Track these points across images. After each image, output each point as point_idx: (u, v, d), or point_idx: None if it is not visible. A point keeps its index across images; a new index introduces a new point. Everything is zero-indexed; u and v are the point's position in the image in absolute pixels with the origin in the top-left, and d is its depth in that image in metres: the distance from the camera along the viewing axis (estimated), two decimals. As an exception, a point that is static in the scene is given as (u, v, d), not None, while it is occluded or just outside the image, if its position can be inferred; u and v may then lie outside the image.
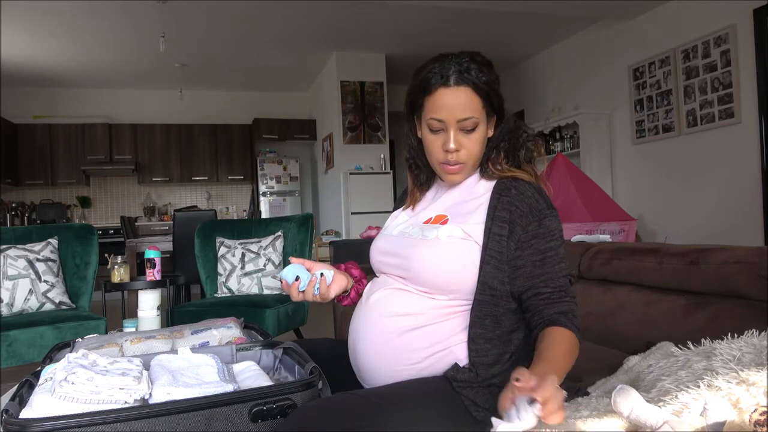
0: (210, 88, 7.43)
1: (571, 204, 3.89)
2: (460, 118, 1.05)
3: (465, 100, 1.04)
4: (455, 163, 1.08)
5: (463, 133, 1.07)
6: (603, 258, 1.73)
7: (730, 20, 4.15)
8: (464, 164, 1.09)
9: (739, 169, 4.17)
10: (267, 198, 7.25)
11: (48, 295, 2.83)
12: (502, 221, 1.04)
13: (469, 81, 1.04)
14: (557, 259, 1.04)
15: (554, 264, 1.03)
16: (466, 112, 1.04)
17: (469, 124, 1.05)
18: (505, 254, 1.03)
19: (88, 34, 5.21)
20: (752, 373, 0.78)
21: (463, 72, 1.04)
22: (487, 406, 0.99)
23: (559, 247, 1.05)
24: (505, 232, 1.04)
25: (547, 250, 1.04)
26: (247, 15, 4.90)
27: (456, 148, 1.06)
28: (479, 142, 1.08)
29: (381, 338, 1.07)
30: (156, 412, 0.91)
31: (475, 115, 1.05)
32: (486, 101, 1.06)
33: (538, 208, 1.05)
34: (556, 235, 1.05)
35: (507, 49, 6.24)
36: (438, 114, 1.05)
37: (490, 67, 1.08)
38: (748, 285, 1.27)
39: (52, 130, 6.78)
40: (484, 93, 1.05)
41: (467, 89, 1.04)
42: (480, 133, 1.08)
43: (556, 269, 1.03)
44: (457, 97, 1.04)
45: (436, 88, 1.05)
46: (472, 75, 1.04)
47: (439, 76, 1.04)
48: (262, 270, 3.18)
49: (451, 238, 1.05)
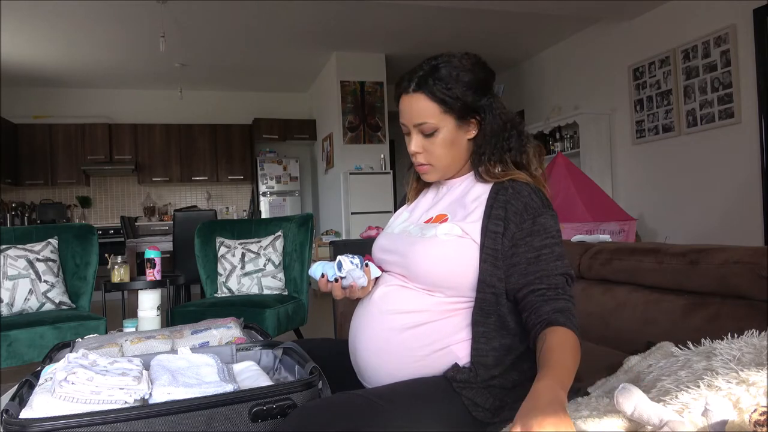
0: (210, 88, 7.43)
1: (571, 204, 3.89)
2: (416, 123, 1.10)
3: (420, 107, 1.08)
4: (420, 164, 1.14)
5: (423, 137, 1.11)
6: (603, 258, 1.73)
7: (730, 20, 4.15)
8: (431, 165, 1.13)
9: (739, 169, 4.17)
10: (267, 198, 7.25)
11: (48, 295, 2.83)
12: (497, 219, 1.05)
13: (424, 88, 1.08)
14: (553, 257, 1.03)
15: (549, 261, 1.03)
16: (421, 118, 1.09)
17: (426, 128, 1.10)
18: (500, 251, 1.04)
19: (88, 34, 5.21)
20: (752, 373, 0.78)
21: (422, 79, 1.08)
22: (487, 406, 0.99)
23: (555, 245, 1.04)
24: (500, 230, 1.04)
25: (542, 248, 1.04)
26: (247, 15, 4.90)
27: (416, 150, 1.12)
28: (441, 146, 1.11)
29: (382, 335, 1.07)
30: (156, 412, 0.91)
31: (431, 120, 1.08)
32: (444, 106, 1.07)
33: (533, 206, 1.06)
34: (552, 233, 1.05)
35: (507, 49, 6.24)
36: (402, 118, 1.13)
37: (465, 71, 1.07)
38: (748, 285, 1.27)
39: (52, 130, 6.78)
40: (439, 99, 1.07)
41: (421, 95, 1.08)
42: (442, 137, 1.10)
43: (552, 267, 1.03)
44: (413, 103, 1.09)
45: (400, 94, 1.12)
46: (428, 82, 1.07)
47: (405, 81, 1.11)
48: (262, 270, 3.18)
49: (449, 236, 1.06)
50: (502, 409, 1.00)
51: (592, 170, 5.19)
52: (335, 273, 1.06)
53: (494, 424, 1.00)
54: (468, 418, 0.99)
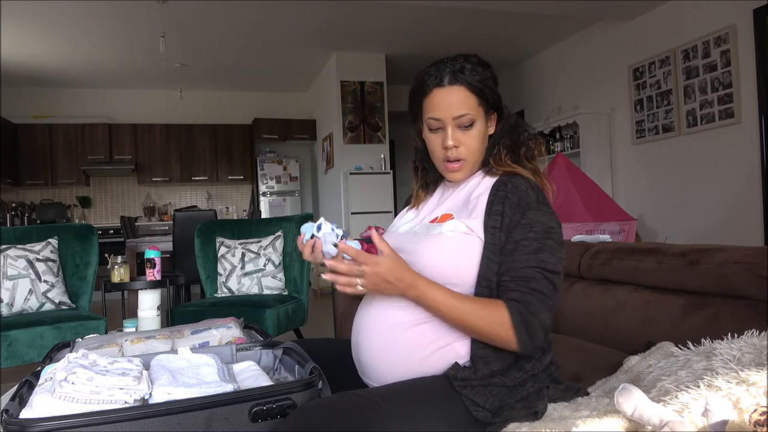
0: (210, 88, 7.43)
1: (571, 204, 3.89)
2: (456, 115, 1.09)
3: (459, 98, 1.09)
4: (455, 159, 1.12)
5: (460, 130, 1.11)
6: (603, 258, 1.73)
7: (730, 20, 4.15)
8: (465, 161, 1.13)
9: (739, 169, 4.17)
10: (267, 198, 7.25)
11: (48, 295, 2.83)
12: (496, 214, 1.06)
13: (462, 80, 1.08)
14: (528, 250, 1.03)
15: (522, 254, 1.03)
16: (461, 110, 1.09)
17: (465, 120, 1.09)
18: (498, 246, 1.05)
19: (88, 34, 5.21)
20: (752, 373, 0.78)
21: (456, 72, 1.08)
22: (487, 405, 0.99)
23: (536, 240, 1.03)
24: (498, 224, 1.06)
25: (522, 240, 1.04)
26: (247, 15, 4.90)
27: (454, 144, 1.10)
28: (477, 138, 1.12)
29: (386, 332, 1.08)
30: (156, 412, 0.91)
31: (471, 111, 1.09)
32: (481, 98, 1.10)
33: (527, 200, 1.06)
34: (537, 228, 1.04)
35: (507, 49, 6.24)
36: (435, 113, 1.10)
37: (485, 67, 1.11)
38: (748, 285, 1.27)
39: (52, 130, 6.78)
40: (478, 90, 1.09)
41: (461, 88, 1.09)
42: (478, 130, 1.11)
43: (522, 259, 1.02)
44: (452, 96, 1.09)
45: (431, 89, 1.10)
46: (465, 74, 1.08)
47: (434, 77, 1.10)
48: (262, 270, 3.18)
49: (455, 233, 1.07)
50: (502, 409, 1.00)
51: (592, 170, 5.19)
52: (312, 233, 1.03)
53: (494, 424, 0.99)
54: (468, 418, 0.99)
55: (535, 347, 1.01)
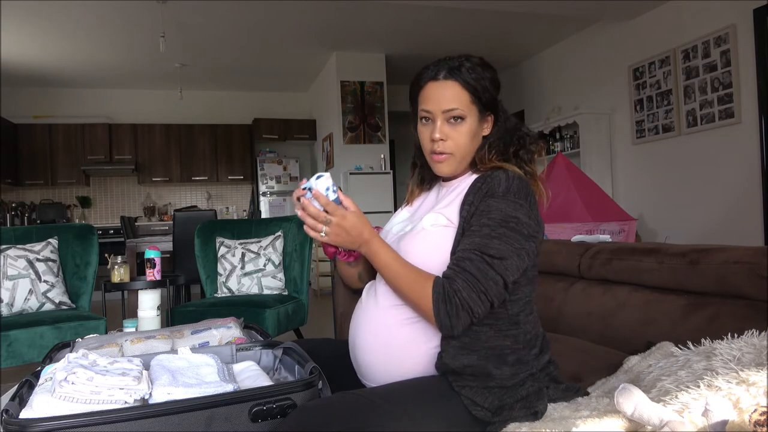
0: (210, 88, 7.42)
1: (571, 204, 3.89)
2: (445, 108, 1.10)
3: (452, 93, 1.10)
4: (441, 152, 1.12)
5: (449, 125, 1.11)
6: (603, 258, 1.73)
7: (730, 20, 4.15)
8: (451, 155, 1.12)
9: (739, 169, 4.17)
10: (267, 198, 7.25)
11: (48, 295, 2.83)
12: (467, 204, 1.07)
13: (457, 76, 1.10)
14: (475, 235, 1.02)
15: (468, 237, 1.02)
16: (451, 104, 1.10)
17: (454, 114, 1.10)
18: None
19: (88, 34, 5.21)
20: (752, 373, 0.78)
21: (453, 69, 1.10)
22: (487, 405, 0.99)
23: (488, 226, 1.01)
24: (466, 213, 1.06)
25: (474, 225, 1.03)
26: (247, 15, 4.90)
27: (441, 137, 1.11)
28: (466, 135, 1.11)
29: (382, 331, 1.08)
30: (156, 412, 0.91)
31: (461, 107, 1.10)
32: (474, 97, 1.10)
33: (494, 189, 1.05)
34: (493, 215, 1.02)
35: (507, 49, 6.24)
36: (426, 105, 1.12)
37: (486, 68, 1.12)
38: (748, 285, 1.27)
39: (52, 130, 6.77)
40: (471, 88, 1.10)
41: (455, 83, 1.10)
42: (468, 127, 1.11)
43: (467, 242, 1.02)
44: (445, 90, 1.10)
45: (426, 81, 1.12)
46: (461, 71, 1.09)
47: (432, 71, 1.11)
48: (262, 270, 3.18)
49: (435, 226, 1.08)
50: (502, 409, 1.00)
51: (592, 170, 5.19)
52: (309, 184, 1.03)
53: (494, 424, 0.99)
54: (468, 418, 0.99)
55: (453, 325, 0.98)
